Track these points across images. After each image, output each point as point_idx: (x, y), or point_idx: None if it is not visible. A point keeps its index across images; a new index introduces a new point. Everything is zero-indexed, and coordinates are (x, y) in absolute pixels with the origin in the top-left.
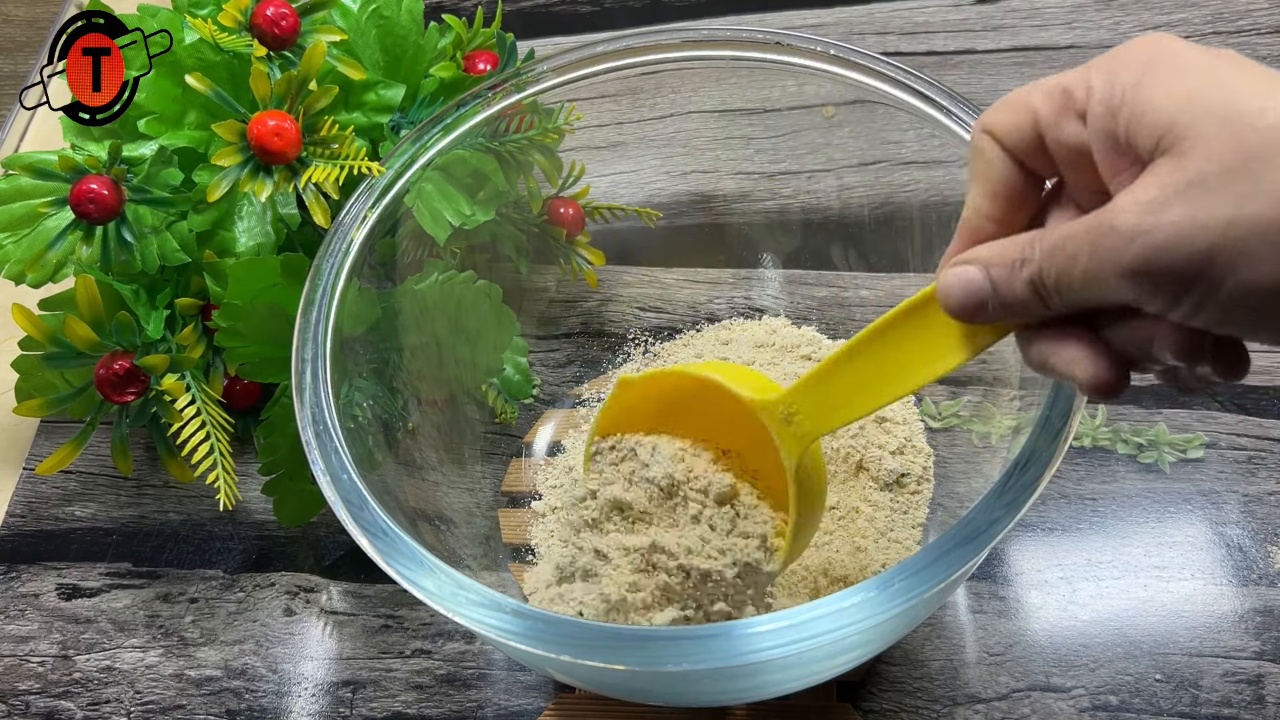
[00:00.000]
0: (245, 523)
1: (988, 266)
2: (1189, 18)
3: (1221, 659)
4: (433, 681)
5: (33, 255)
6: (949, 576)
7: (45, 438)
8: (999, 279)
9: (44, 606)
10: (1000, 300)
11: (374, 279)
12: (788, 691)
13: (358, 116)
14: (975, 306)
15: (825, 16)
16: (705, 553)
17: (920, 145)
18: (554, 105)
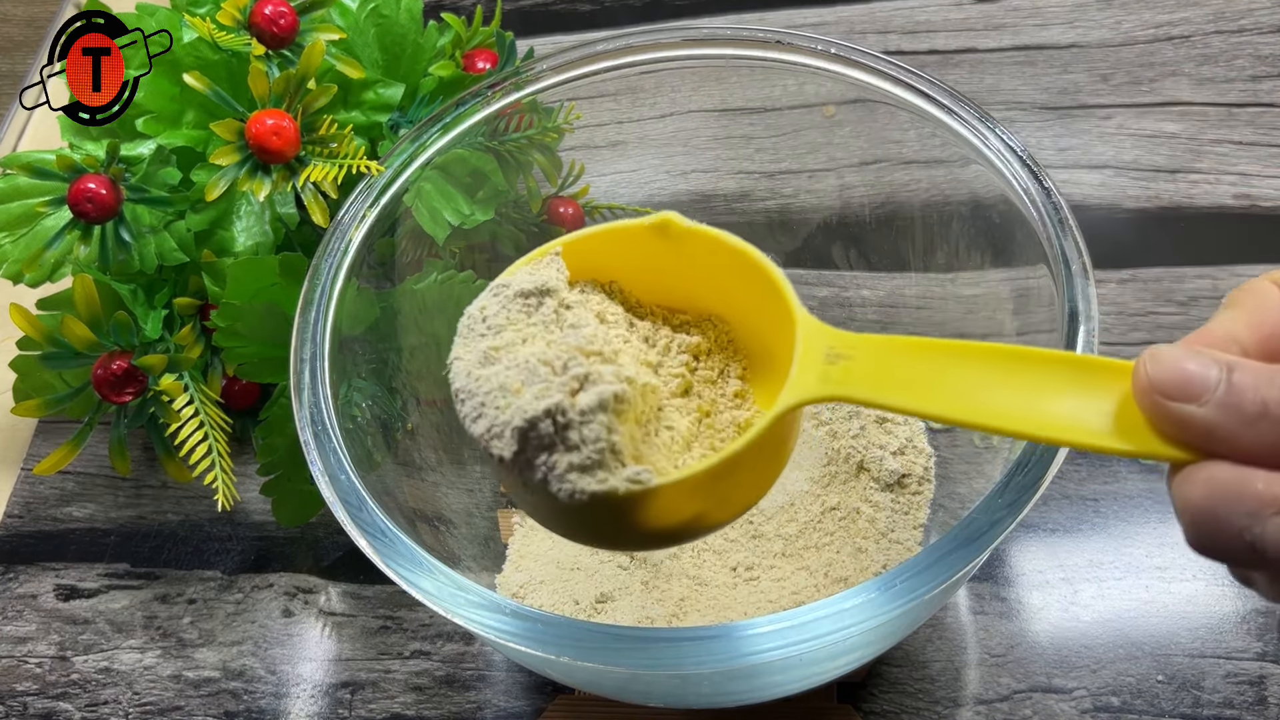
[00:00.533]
0: (244, 523)
1: (1231, 368)
2: (1190, 16)
3: (1223, 660)
4: (432, 683)
5: (30, 255)
6: (950, 577)
7: (43, 438)
8: (1242, 388)
9: (42, 607)
10: (1225, 413)
11: (373, 279)
12: (788, 693)
13: (356, 115)
14: (1181, 393)
15: (826, 15)
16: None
17: (922, 144)
18: (553, 104)
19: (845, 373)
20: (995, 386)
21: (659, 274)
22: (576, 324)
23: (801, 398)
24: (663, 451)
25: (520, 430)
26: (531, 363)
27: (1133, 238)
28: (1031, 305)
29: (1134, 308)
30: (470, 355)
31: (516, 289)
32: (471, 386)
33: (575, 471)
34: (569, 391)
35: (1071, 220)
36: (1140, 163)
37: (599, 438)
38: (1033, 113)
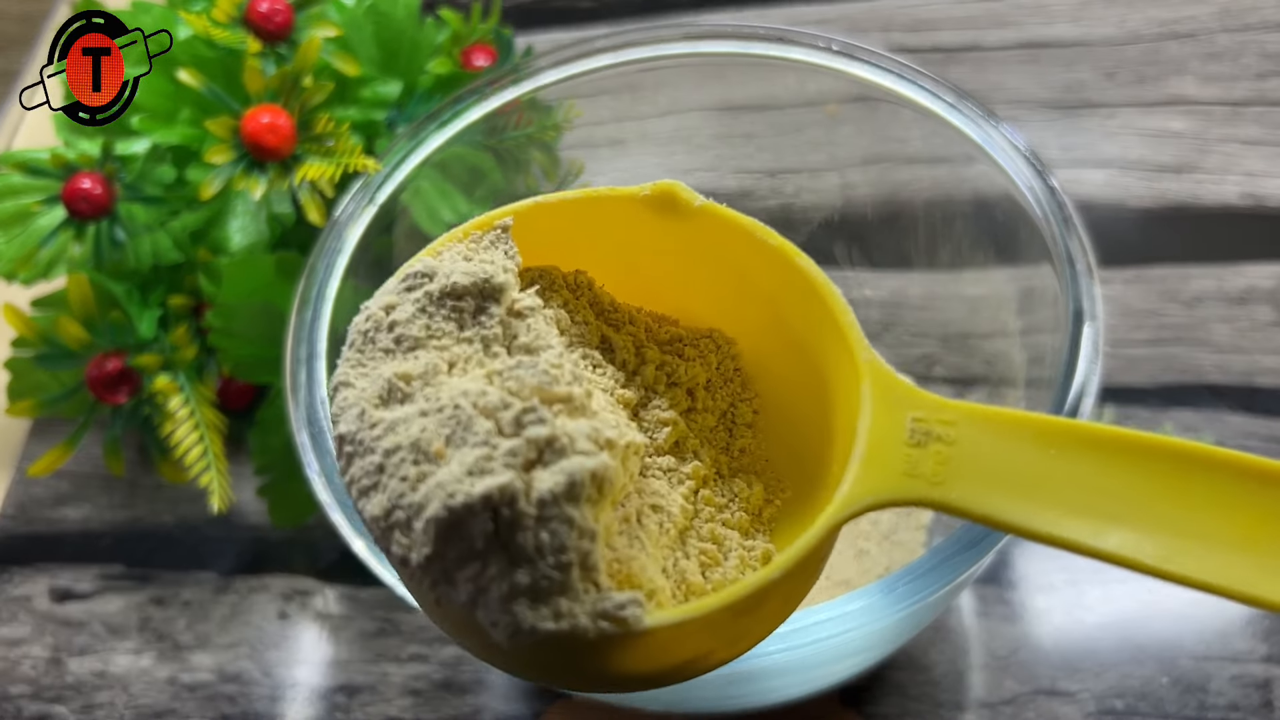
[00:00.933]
0: (239, 525)
1: None
2: (1197, 13)
3: (1229, 663)
4: (429, 686)
5: (24, 254)
6: (954, 580)
7: (37, 439)
8: None
9: (36, 609)
10: None
11: (370, 277)
12: (790, 698)
13: (353, 112)
14: None
15: (828, 11)
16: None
17: (925, 142)
18: (552, 101)
19: (942, 465)
20: (1181, 508)
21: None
22: (532, 345)
23: (874, 496)
24: (648, 547)
25: (442, 524)
26: (464, 409)
27: (1138, 236)
28: (1036, 304)
29: (1139, 307)
30: (366, 384)
31: (444, 285)
32: (365, 436)
33: (523, 599)
34: (521, 464)
35: (1076, 219)
36: (1146, 161)
37: (564, 546)
38: (1037, 110)
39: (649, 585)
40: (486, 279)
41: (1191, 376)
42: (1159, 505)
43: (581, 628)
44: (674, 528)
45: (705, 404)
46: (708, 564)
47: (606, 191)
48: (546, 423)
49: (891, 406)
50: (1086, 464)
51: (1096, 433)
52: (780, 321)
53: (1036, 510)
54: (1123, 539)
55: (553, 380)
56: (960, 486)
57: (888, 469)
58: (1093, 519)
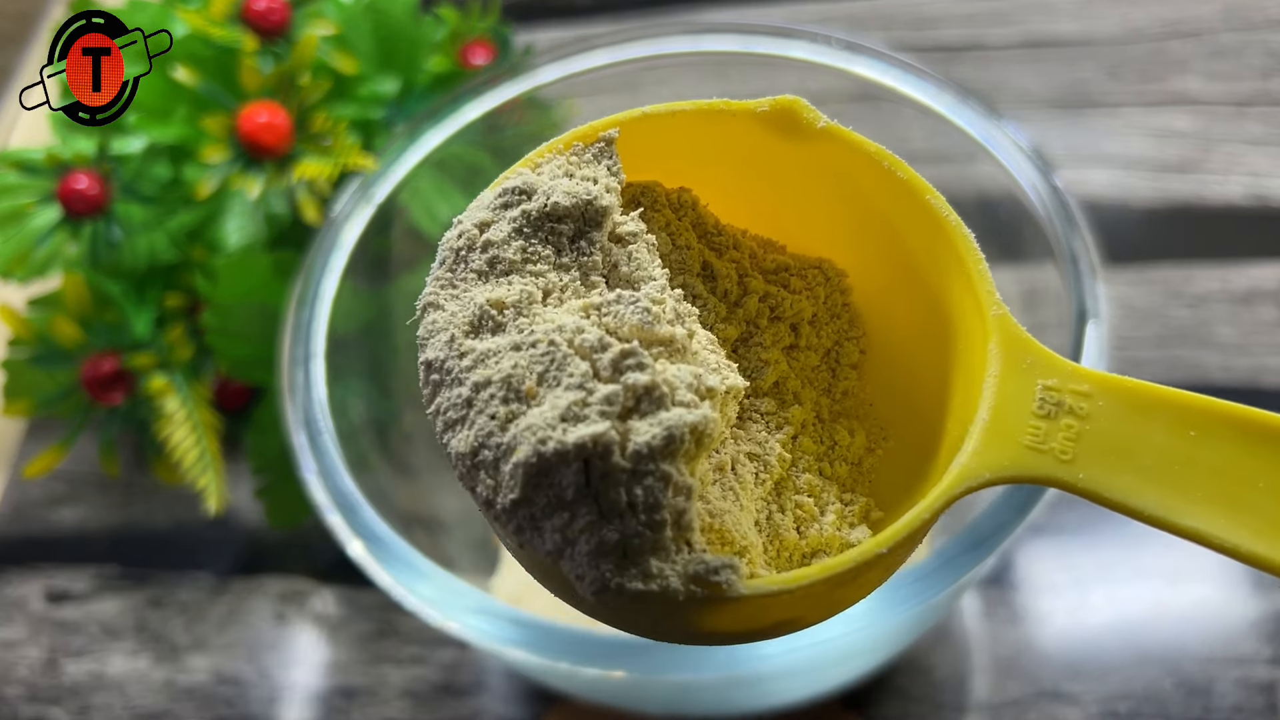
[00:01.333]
0: (236, 526)
1: None
2: (1201, 12)
3: (1234, 666)
4: (427, 689)
5: (19, 253)
6: (956, 582)
7: (33, 439)
8: None
9: (31, 610)
10: None
11: (367, 277)
12: (793, 700)
13: (351, 110)
14: None
15: (830, 9)
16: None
17: (927, 141)
18: (552, 100)
19: (1073, 442)
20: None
21: (757, 187)
22: (633, 276)
23: (995, 471)
24: (742, 499)
25: (531, 470)
26: (559, 346)
27: (1142, 235)
28: (1039, 304)
29: (1143, 306)
30: (457, 308)
31: (543, 205)
32: (454, 365)
33: (612, 556)
34: (618, 412)
35: (1080, 218)
36: (1150, 160)
37: (657, 503)
38: (1040, 109)
39: (741, 542)
40: (589, 201)
41: (1196, 377)
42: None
43: (673, 589)
44: (770, 478)
45: (809, 341)
46: (803, 519)
47: (721, 104)
48: (646, 369)
49: (1021, 371)
50: (1232, 450)
51: (1246, 416)
52: (903, 257)
53: (1173, 499)
54: (1271, 540)
55: (654, 320)
56: (1091, 466)
57: (1012, 441)
58: (1235, 513)
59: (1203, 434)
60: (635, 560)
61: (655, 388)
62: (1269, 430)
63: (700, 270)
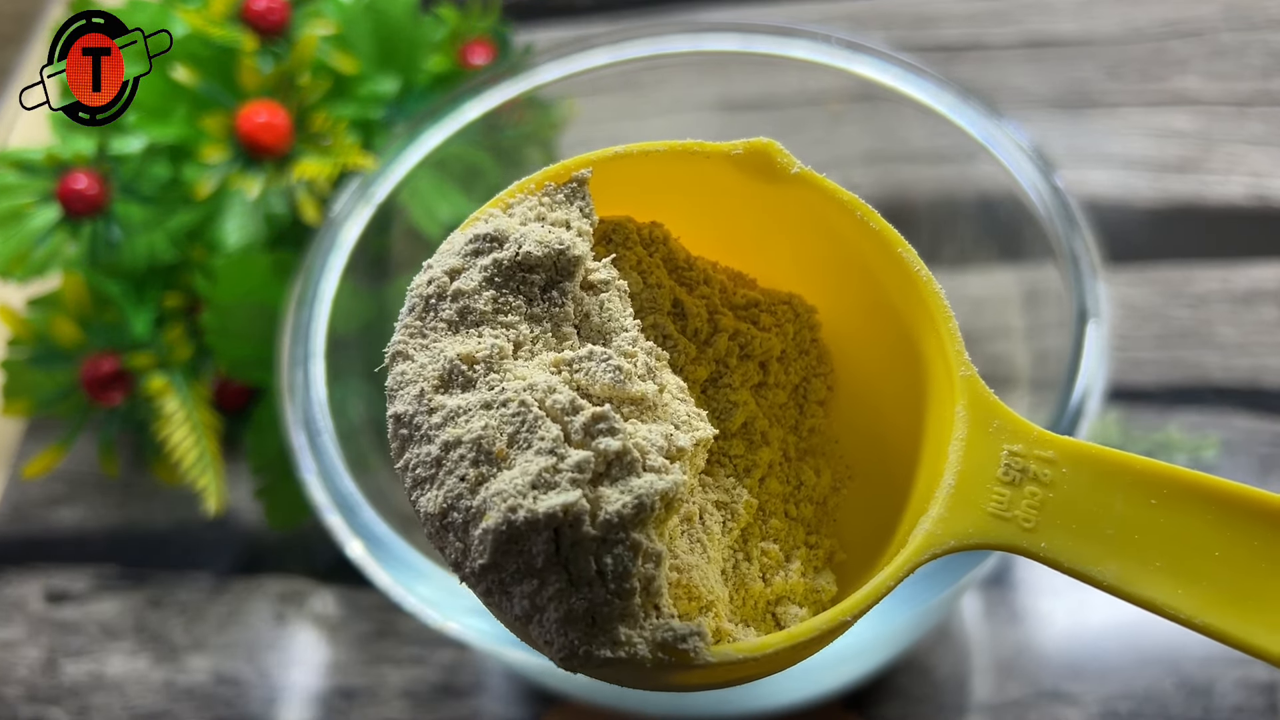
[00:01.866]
0: (235, 526)
1: None
2: (1201, 12)
3: (1234, 666)
4: (427, 690)
5: (19, 253)
6: (956, 582)
7: (32, 439)
8: None
9: (31, 611)
10: None
11: (367, 277)
12: (793, 701)
13: (351, 110)
14: None
15: (830, 8)
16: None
17: (928, 141)
18: (552, 99)
19: (1036, 510)
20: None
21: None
22: (605, 327)
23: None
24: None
25: (501, 537)
26: (530, 407)
27: (1143, 235)
28: (1040, 304)
29: (1144, 306)
30: (426, 360)
31: (514, 254)
32: (424, 422)
33: (580, 624)
34: (589, 479)
35: (1080, 218)
36: (1150, 160)
37: (626, 572)
38: (1041, 108)
39: (708, 596)
40: (562, 250)
41: (1197, 376)
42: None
43: (640, 657)
44: (737, 526)
45: (778, 378)
46: (769, 566)
47: (695, 145)
48: (618, 433)
49: (987, 435)
50: (1191, 519)
51: (1206, 485)
52: (874, 300)
53: (1131, 569)
54: (1236, 617)
55: (625, 378)
56: (1053, 535)
57: (977, 508)
58: (1192, 583)
59: (1162, 502)
60: (604, 628)
61: (626, 453)
62: (1227, 498)
63: (671, 308)
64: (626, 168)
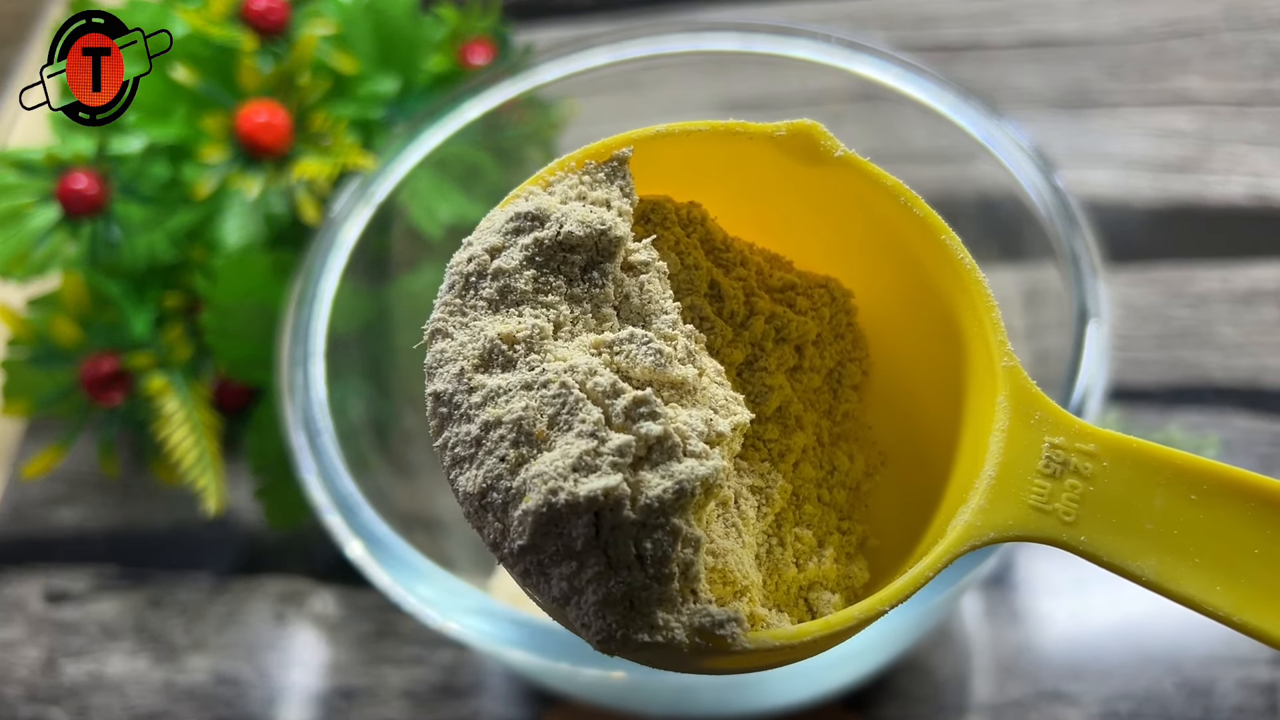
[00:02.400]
0: (235, 526)
1: None
2: (1202, 12)
3: (1235, 667)
4: (427, 690)
5: (18, 253)
6: (957, 583)
7: (32, 439)
8: None
9: (31, 611)
10: None
11: (366, 277)
12: (793, 701)
13: (351, 109)
14: None
15: (830, 8)
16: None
17: (928, 140)
18: (552, 99)
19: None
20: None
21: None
22: (644, 309)
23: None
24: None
25: (541, 519)
26: (571, 389)
27: (1143, 235)
28: (1040, 303)
29: (1144, 306)
30: (466, 339)
31: (555, 234)
32: (463, 401)
33: (618, 608)
34: (630, 464)
35: (1081, 217)
36: (1151, 159)
37: (666, 557)
38: (1041, 108)
39: (743, 581)
40: (603, 231)
41: (1198, 376)
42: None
43: (678, 642)
44: (771, 511)
45: (813, 362)
46: (803, 552)
47: (738, 126)
48: (659, 418)
49: (1029, 428)
50: (1231, 516)
51: (1246, 482)
52: (916, 285)
53: (1171, 565)
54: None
55: (666, 361)
56: (1093, 529)
57: (1017, 500)
58: (1231, 580)
59: (1203, 498)
60: (642, 612)
61: (668, 438)
62: (1267, 496)
63: (708, 290)
64: (667, 147)
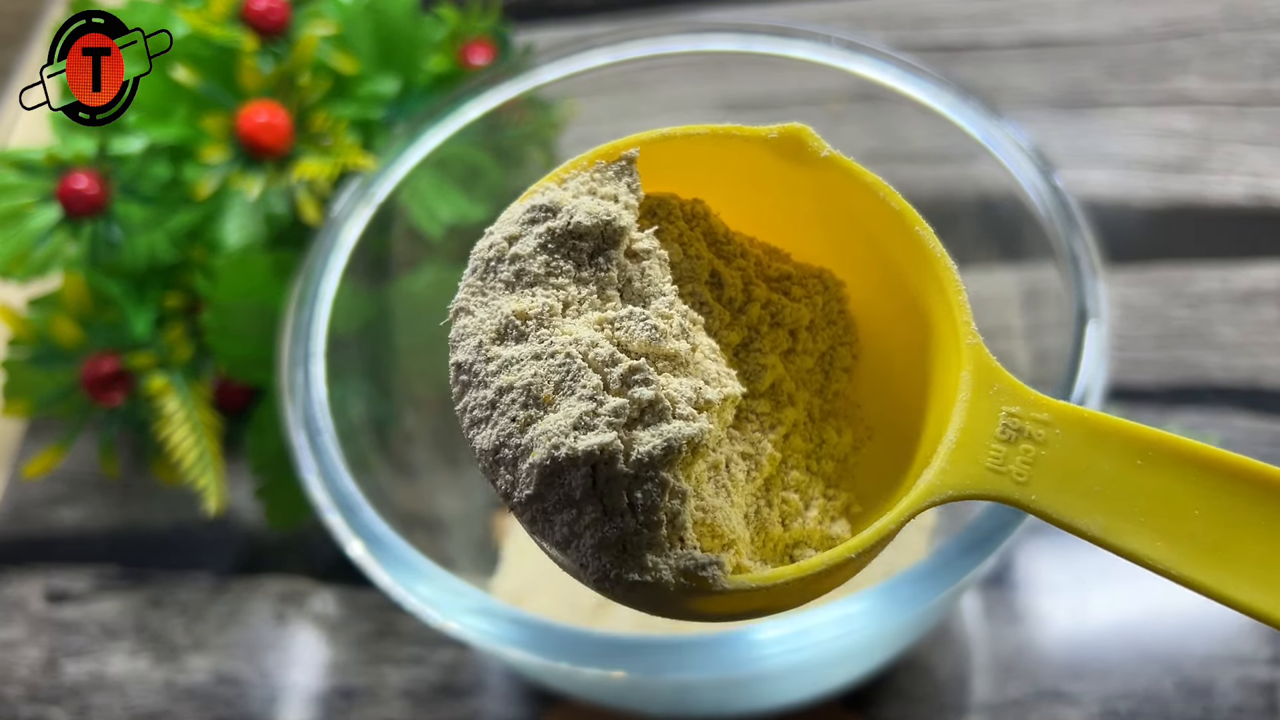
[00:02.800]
0: (235, 526)
1: None
2: (1201, 12)
3: (1234, 666)
4: (427, 690)
5: (19, 253)
6: (957, 583)
7: (32, 439)
8: None
9: (31, 611)
10: None
11: (367, 277)
12: (793, 700)
13: (351, 110)
14: None
15: (830, 9)
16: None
17: (928, 141)
18: (552, 99)
19: (1029, 465)
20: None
21: (765, 201)
22: (645, 291)
23: (957, 488)
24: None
25: (544, 471)
26: (575, 359)
27: (1143, 235)
28: (1040, 303)
29: (1144, 306)
30: (485, 315)
31: (566, 223)
32: (481, 369)
33: (612, 550)
34: (624, 423)
35: (1080, 217)
36: (1150, 159)
37: (654, 505)
38: (1041, 108)
39: (730, 535)
40: (609, 221)
41: (1197, 376)
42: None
43: (664, 582)
44: (760, 476)
45: (806, 345)
46: (788, 513)
47: (734, 129)
48: (651, 384)
49: (989, 398)
50: (1173, 480)
51: (1189, 449)
52: (893, 277)
53: (1116, 522)
54: (1203, 562)
55: (661, 336)
56: (1044, 489)
57: (975, 463)
58: (1172, 538)
59: (1148, 463)
60: (633, 555)
61: (658, 401)
62: (1208, 462)
63: (709, 278)
64: (672, 149)
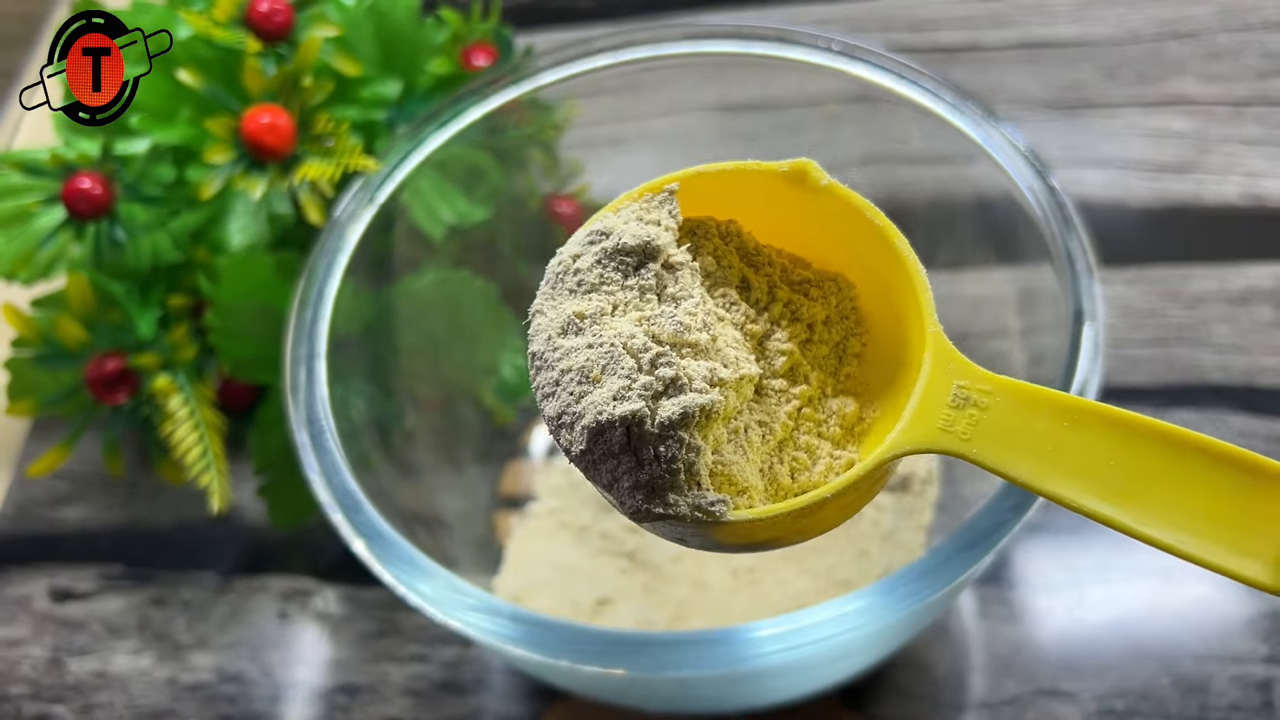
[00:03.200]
0: (239, 525)
1: None
2: (1197, 13)
3: (1230, 663)
4: (429, 687)
5: (24, 254)
6: (954, 581)
7: (37, 439)
8: None
9: (35, 609)
10: None
11: (369, 277)
12: (790, 697)
13: (353, 112)
14: None
15: (828, 11)
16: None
17: (925, 142)
18: (553, 101)
19: (973, 426)
20: (1164, 483)
21: (785, 221)
22: (677, 295)
23: (913, 445)
24: (749, 455)
25: (591, 431)
26: (616, 347)
27: (1139, 236)
28: (1036, 304)
29: (1140, 307)
30: (553, 315)
31: (617, 243)
32: (549, 356)
33: (642, 490)
34: (651, 395)
35: (1076, 219)
36: (1146, 161)
37: (674, 457)
38: (1037, 110)
39: (743, 484)
40: (648, 241)
41: (1193, 377)
42: (1149, 479)
43: (682, 514)
44: (774, 439)
45: (821, 336)
46: (797, 468)
47: (754, 165)
48: (674, 365)
49: (944, 374)
50: (1095, 438)
51: (1107, 413)
52: (878, 280)
53: (1042, 469)
54: (1113, 502)
55: (685, 329)
56: (983, 445)
57: (929, 424)
58: (1090, 483)
59: (1073, 424)
60: (659, 494)
61: (678, 379)
62: (1123, 422)
63: (739, 283)
64: (704, 181)
